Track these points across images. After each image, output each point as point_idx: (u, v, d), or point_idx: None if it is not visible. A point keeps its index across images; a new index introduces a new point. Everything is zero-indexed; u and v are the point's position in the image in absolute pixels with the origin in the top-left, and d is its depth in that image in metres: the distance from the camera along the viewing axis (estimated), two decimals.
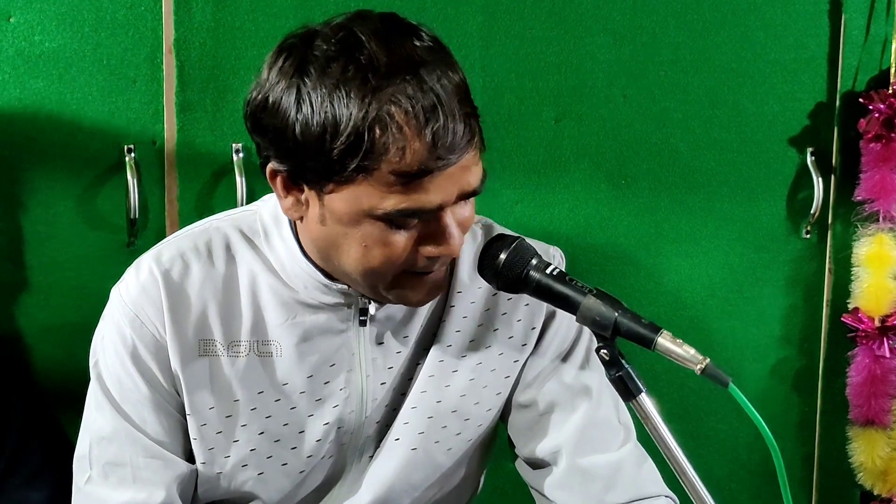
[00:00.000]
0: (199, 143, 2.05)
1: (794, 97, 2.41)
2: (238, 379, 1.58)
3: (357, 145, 1.35)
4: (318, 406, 1.61)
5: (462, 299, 1.65)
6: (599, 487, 1.65)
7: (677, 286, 2.41)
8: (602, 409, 1.68)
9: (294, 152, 1.41)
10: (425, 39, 1.41)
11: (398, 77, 1.35)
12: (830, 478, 2.59)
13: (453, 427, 1.68)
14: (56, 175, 1.98)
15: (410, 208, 1.39)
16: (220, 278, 1.57)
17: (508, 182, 2.26)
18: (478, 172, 1.44)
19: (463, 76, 1.43)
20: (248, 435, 1.60)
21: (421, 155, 1.36)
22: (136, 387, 1.56)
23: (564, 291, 1.45)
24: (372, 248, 1.44)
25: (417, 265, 1.47)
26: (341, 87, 1.35)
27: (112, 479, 1.57)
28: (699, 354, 1.36)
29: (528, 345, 1.68)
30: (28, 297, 2.01)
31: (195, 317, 1.56)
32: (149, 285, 1.55)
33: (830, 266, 2.50)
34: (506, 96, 2.23)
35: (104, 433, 1.58)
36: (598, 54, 2.28)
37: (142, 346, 1.55)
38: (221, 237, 1.60)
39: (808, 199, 2.44)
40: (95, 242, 2.03)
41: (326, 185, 1.41)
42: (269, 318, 1.58)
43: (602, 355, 1.42)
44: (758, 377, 2.51)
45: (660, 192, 2.37)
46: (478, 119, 1.43)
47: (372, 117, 1.34)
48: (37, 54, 1.95)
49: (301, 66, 1.39)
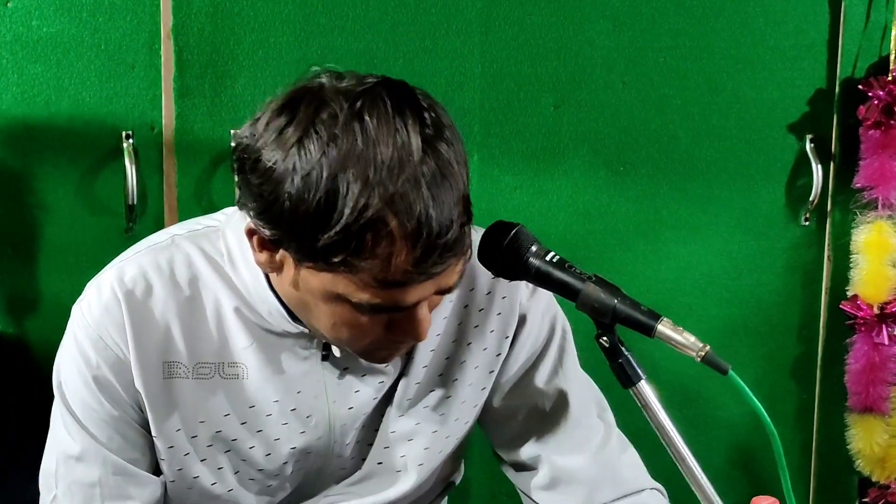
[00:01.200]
0: (197, 128, 2.05)
1: (794, 84, 2.41)
2: (203, 401, 1.54)
3: (346, 243, 1.29)
4: (285, 430, 1.58)
5: (435, 316, 1.56)
6: (584, 489, 1.65)
7: (676, 273, 2.41)
8: (580, 409, 1.67)
9: (279, 224, 1.33)
10: (429, 128, 1.32)
11: (400, 178, 1.28)
12: (829, 465, 2.60)
13: (434, 447, 1.66)
14: (54, 161, 1.98)
15: (384, 305, 1.35)
16: (183, 299, 1.52)
17: (507, 168, 2.26)
18: (458, 273, 1.40)
19: (465, 169, 1.36)
20: (214, 454, 1.57)
21: (405, 268, 1.31)
22: (101, 407, 1.52)
23: (564, 278, 1.45)
24: (340, 325, 1.40)
25: (384, 344, 1.44)
26: (340, 175, 1.28)
27: (78, 498, 1.55)
28: (699, 342, 1.36)
29: (502, 354, 1.65)
30: (27, 283, 2.01)
31: (159, 338, 1.51)
32: (111, 306, 1.50)
33: (829, 253, 2.50)
34: (505, 82, 2.23)
35: (71, 452, 1.55)
36: (597, 40, 2.27)
37: (105, 367, 1.51)
38: (183, 257, 1.53)
39: (807, 186, 2.44)
40: (94, 228, 2.03)
41: (305, 261, 1.35)
42: (235, 341, 1.53)
43: (602, 342, 1.41)
44: (756, 364, 2.51)
45: (659, 179, 2.37)
46: (469, 225, 1.37)
47: (366, 219, 1.27)
48: (34, 39, 1.95)
49: (301, 139, 1.31)
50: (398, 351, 1.50)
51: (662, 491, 1.69)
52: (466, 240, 1.36)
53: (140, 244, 1.58)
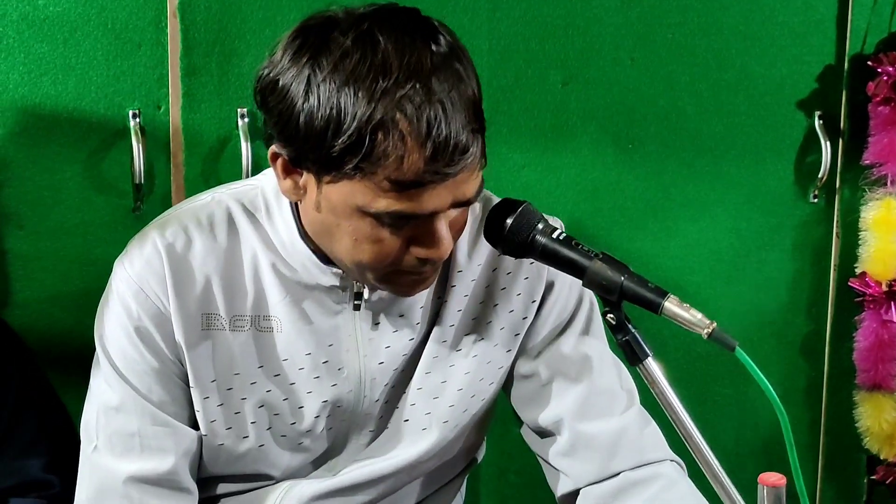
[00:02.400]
0: (204, 107, 2.05)
1: (803, 60, 2.40)
2: (239, 353, 1.58)
3: (357, 146, 1.34)
4: (317, 384, 1.61)
5: (462, 278, 1.65)
6: (603, 454, 1.66)
7: (684, 250, 2.41)
8: (604, 377, 1.68)
9: (296, 140, 1.40)
10: (442, 46, 1.38)
11: (408, 83, 1.34)
12: (837, 442, 2.60)
13: (459, 405, 1.68)
14: (61, 140, 1.98)
15: (402, 212, 1.39)
16: (222, 252, 1.57)
17: (515, 146, 2.25)
18: (475, 184, 1.43)
19: (476, 87, 1.41)
20: (248, 408, 1.61)
21: (418, 167, 1.35)
22: (141, 358, 1.56)
23: (571, 256, 1.45)
24: (362, 242, 1.44)
25: (406, 265, 1.47)
26: (350, 84, 1.34)
27: (118, 448, 1.58)
28: (706, 318, 1.36)
29: (528, 318, 1.68)
30: (35, 263, 2.01)
31: (199, 291, 1.56)
32: (152, 259, 1.55)
33: (838, 230, 2.50)
34: (513, 59, 2.22)
35: (111, 403, 1.58)
36: (605, 17, 2.27)
37: (146, 318, 1.55)
38: (223, 211, 1.59)
39: (815, 163, 2.43)
40: (102, 208, 2.03)
41: (324, 175, 1.40)
42: (270, 295, 1.58)
43: (608, 319, 1.41)
44: (765, 342, 2.51)
45: (667, 156, 2.36)
46: (483, 134, 1.41)
47: (376, 121, 1.33)
48: (41, 18, 1.94)
49: (314, 55, 1.38)
50: (422, 277, 1.52)
51: (682, 464, 1.69)
52: (480, 147, 1.40)
53: (182, 203, 1.65)
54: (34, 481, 1.79)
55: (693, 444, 1.41)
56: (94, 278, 1.93)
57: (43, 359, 1.92)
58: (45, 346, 2.00)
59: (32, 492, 1.80)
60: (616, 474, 1.66)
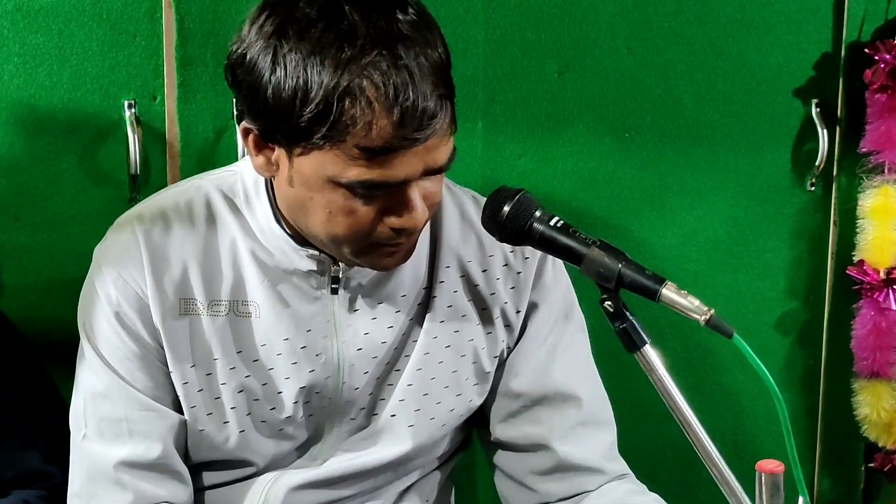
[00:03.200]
0: (199, 97, 2.04)
1: (799, 48, 2.40)
2: (217, 338, 1.59)
3: (325, 115, 1.35)
4: (295, 369, 1.62)
5: (451, 274, 1.65)
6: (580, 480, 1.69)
7: (681, 239, 2.41)
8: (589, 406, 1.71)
9: (265, 113, 1.41)
10: (410, 13, 1.39)
11: (374, 50, 1.35)
12: (835, 430, 2.60)
13: (446, 403, 1.69)
14: (57, 131, 1.98)
15: (373, 180, 1.40)
16: (200, 238, 1.58)
17: (511, 135, 2.25)
18: (446, 151, 1.44)
19: (444, 54, 1.42)
20: (227, 393, 1.61)
21: (387, 133, 1.36)
22: (123, 344, 1.57)
23: (568, 243, 1.45)
24: (336, 214, 1.44)
25: (382, 236, 1.47)
26: (316, 54, 1.35)
27: (107, 434, 1.59)
28: (703, 305, 1.36)
29: (513, 327, 1.69)
30: (31, 254, 2.01)
31: (176, 275, 1.57)
32: (130, 244, 1.56)
33: (835, 218, 2.50)
34: (508, 49, 2.22)
35: (97, 390, 1.59)
36: (601, 6, 2.26)
37: (126, 304, 1.56)
38: (202, 196, 1.60)
39: (812, 151, 2.43)
40: (98, 199, 2.03)
41: (294, 147, 1.41)
42: (249, 280, 1.59)
43: (606, 307, 1.41)
44: (762, 330, 2.51)
45: (664, 145, 2.36)
46: (452, 100, 1.42)
47: (342, 88, 1.34)
48: (36, 9, 1.94)
49: (280, 27, 1.39)
50: (398, 249, 1.52)
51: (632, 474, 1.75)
52: (449, 113, 1.41)
53: (161, 190, 1.67)
54: (35, 473, 1.79)
55: (691, 432, 1.41)
56: None
57: (39, 350, 1.92)
58: (41, 337, 2.00)
59: (33, 483, 1.80)
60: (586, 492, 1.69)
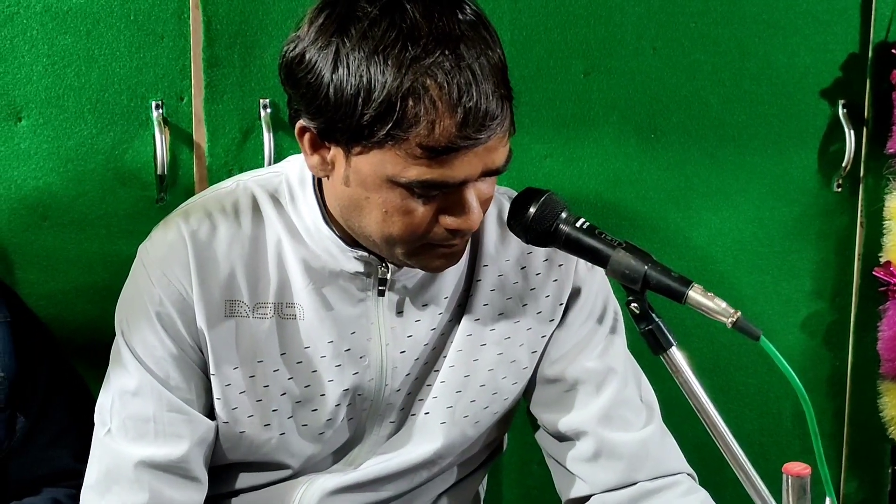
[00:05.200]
0: (226, 98, 2.05)
1: (826, 48, 2.39)
2: (262, 340, 1.59)
3: (388, 113, 1.35)
4: (338, 372, 1.62)
5: (488, 273, 1.65)
6: (624, 464, 1.66)
7: (707, 240, 2.40)
8: (627, 389, 1.69)
9: (325, 111, 1.41)
10: (468, 14, 1.39)
11: (437, 50, 1.35)
12: (861, 432, 2.59)
13: (481, 401, 1.68)
14: (85, 132, 1.99)
15: (433, 181, 1.40)
16: (246, 239, 1.58)
17: (537, 136, 2.25)
18: (504, 153, 1.44)
19: (502, 55, 1.42)
20: (269, 395, 1.61)
21: (450, 132, 1.36)
22: (161, 344, 1.57)
23: (594, 245, 1.45)
24: (392, 214, 1.44)
25: (436, 237, 1.47)
26: (380, 52, 1.35)
27: (132, 432, 1.59)
28: (730, 308, 1.35)
29: (555, 320, 1.69)
30: (59, 254, 2.02)
31: (222, 277, 1.57)
32: (176, 244, 1.56)
33: (862, 220, 2.49)
34: (535, 49, 2.22)
35: (128, 388, 1.59)
36: (627, 6, 2.26)
37: (169, 303, 1.56)
38: (248, 198, 1.60)
39: (839, 152, 2.42)
40: (125, 199, 2.04)
41: (354, 146, 1.41)
42: (294, 282, 1.59)
43: (632, 309, 1.42)
44: (789, 332, 2.50)
45: (690, 146, 2.35)
46: (511, 101, 1.42)
47: (406, 87, 1.34)
48: (65, 10, 1.95)
49: (341, 26, 1.39)
50: (452, 251, 1.52)
51: (695, 478, 1.71)
52: (509, 114, 1.42)
53: (206, 191, 1.66)
54: (65, 471, 1.80)
55: (717, 434, 1.41)
56: (118, 270, 1.93)
57: (67, 350, 1.93)
58: (70, 337, 2.01)
59: (63, 481, 1.81)
60: (633, 483, 1.66)
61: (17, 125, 1.96)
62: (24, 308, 1.89)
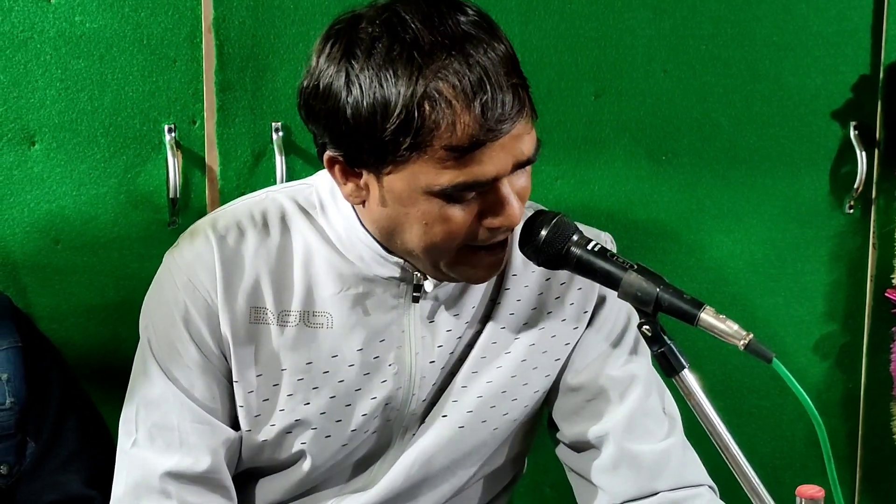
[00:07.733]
0: (238, 122, 2.06)
1: (837, 70, 2.39)
2: (286, 348, 1.59)
3: (408, 124, 1.36)
4: (367, 381, 1.61)
5: (517, 282, 1.65)
6: (646, 474, 1.66)
7: (719, 262, 2.40)
8: (650, 399, 1.69)
9: (348, 136, 1.42)
10: (469, 14, 1.41)
11: (443, 53, 1.37)
12: (875, 455, 2.58)
13: (501, 407, 1.68)
14: (97, 155, 1.99)
15: (466, 182, 1.40)
16: (273, 247, 1.58)
17: (548, 158, 2.25)
18: (531, 141, 1.45)
19: (509, 47, 1.43)
20: (293, 404, 1.60)
21: (472, 128, 1.37)
22: (185, 351, 1.57)
23: (605, 267, 1.45)
24: (433, 224, 1.45)
25: (479, 238, 1.48)
26: (388, 67, 1.37)
27: (158, 442, 1.58)
28: (742, 330, 1.35)
29: (580, 328, 1.69)
30: (71, 277, 2.03)
31: (248, 284, 1.57)
32: (203, 251, 1.56)
33: (874, 241, 2.48)
34: (545, 71, 2.22)
35: (152, 397, 1.59)
36: (637, 29, 2.26)
37: (194, 310, 1.56)
38: (277, 207, 1.61)
39: (851, 174, 2.42)
40: (137, 222, 2.04)
41: (383, 166, 1.42)
42: (321, 290, 1.58)
43: (644, 331, 1.41)
44: (801, 353, 2.50)
45: (701, 168, 2.35)
46: (527, 88, 1.44)
47: (420, 95, 1.35)
48: (78, 35, 1.96)
49: (348, 49, 1.41)
50: (496, 256, 1.52)
51: (716, 491, 1.70)
52: (527, 100, 1.44)
53: (234, 200, 1.67)
54: (74, 497, 1.79)
55: (730, 456, 1.40)
56: (130, 292, 1.94)
57: (79, 373, 1.93)
58: (82, 360, 2.01)
59: None
60: (655, 493, 1.65)
61: (31, 149, 1.96)
62: (37, 332, 1.89)
